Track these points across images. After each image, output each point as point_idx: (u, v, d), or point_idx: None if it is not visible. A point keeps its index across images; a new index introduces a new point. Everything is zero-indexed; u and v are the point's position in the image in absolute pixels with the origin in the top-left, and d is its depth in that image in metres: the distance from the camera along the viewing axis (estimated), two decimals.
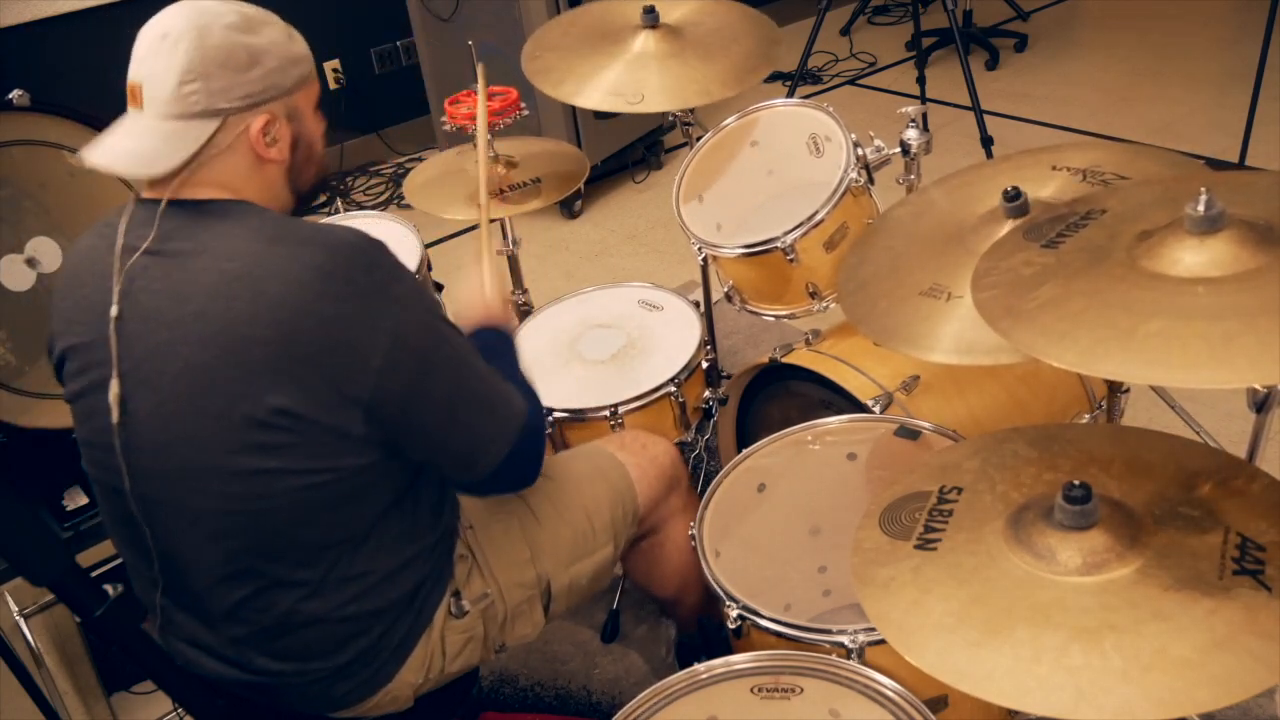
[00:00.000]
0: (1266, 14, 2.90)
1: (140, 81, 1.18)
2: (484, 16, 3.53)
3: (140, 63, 1.18)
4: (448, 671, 1.41)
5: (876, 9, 5.25)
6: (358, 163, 4.26)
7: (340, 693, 1.33)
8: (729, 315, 2.84)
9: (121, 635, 1.24)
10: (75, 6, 3.37)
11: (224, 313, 1.15)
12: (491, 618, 1.44)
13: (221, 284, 1.16)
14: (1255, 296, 1.00)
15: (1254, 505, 1.10)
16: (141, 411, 1.20)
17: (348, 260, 1.18)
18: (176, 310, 1.17)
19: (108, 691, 1.97)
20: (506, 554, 1.46)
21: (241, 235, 1.19)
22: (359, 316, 1.17)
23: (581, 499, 1.54)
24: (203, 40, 1.17)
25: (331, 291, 1.15)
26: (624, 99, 1.97)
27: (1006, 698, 0.97)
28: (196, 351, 1.16)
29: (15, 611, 1.71)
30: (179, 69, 1.16)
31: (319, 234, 1.20)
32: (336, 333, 1.16)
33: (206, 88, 1.17)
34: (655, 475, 1.62)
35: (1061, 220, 1.25)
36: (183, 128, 1.18)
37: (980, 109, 3.47)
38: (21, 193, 2.11)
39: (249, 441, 1.17)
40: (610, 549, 1.56)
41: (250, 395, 1.15)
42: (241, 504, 1.20)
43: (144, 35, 1.19)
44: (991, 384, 1.83)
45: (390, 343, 1.18)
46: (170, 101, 1.17)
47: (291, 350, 1.15)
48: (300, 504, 1.21)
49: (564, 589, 1.51)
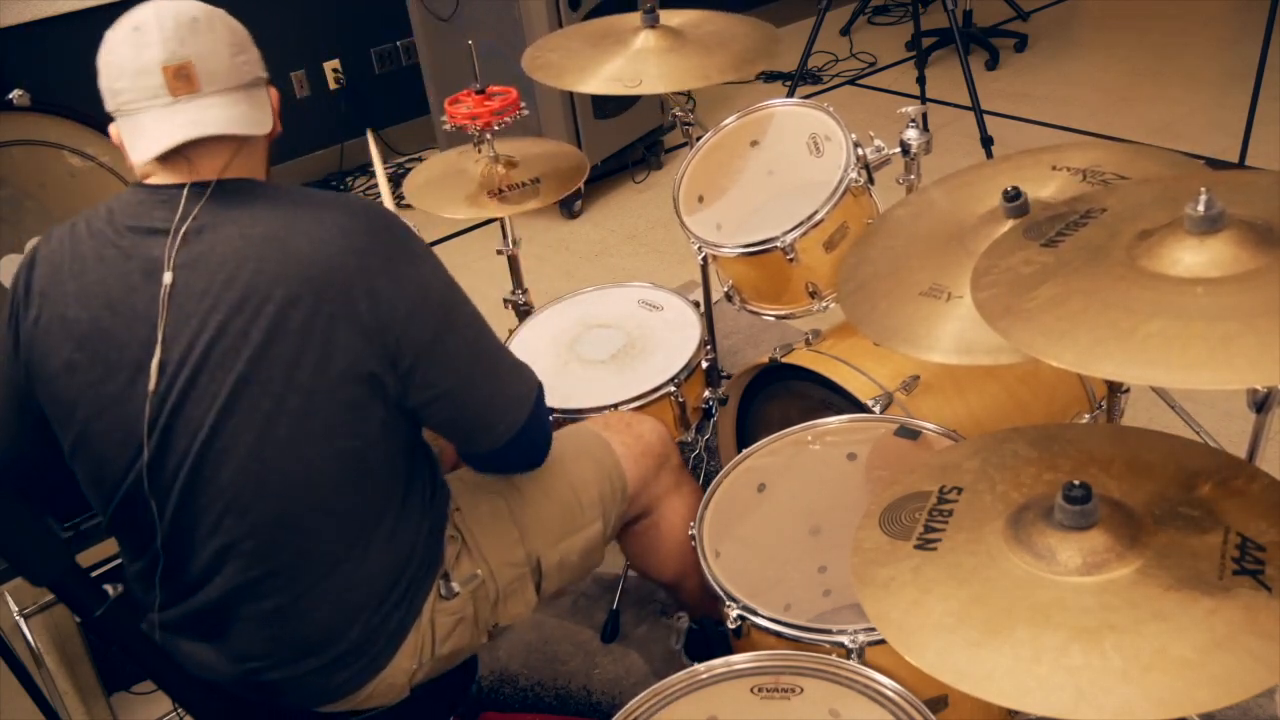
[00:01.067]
0: (1266, 14, 2.90)
1: (189, 59, 1.19)
2: (484, 16, 3.53)
3: (177, 44, 1.19)
4: (439, 654, 1.41)
5: (876, 9, 5.26)
6: (358, 162, 4.26)
7: (337, 682, 1.34)
8: (729, 315, 2.84)
9: (121, 635, 1.25)
10: (75, 6, 3.38)
11: (254, 275, 1.18)
12: (483, 598, 1.45)
13: (249, 248, 1.19)
14: (1255, 297, 0.99)
15: (1254, 505, 1.10)
16: (173, 382, 1.21)
17: (371, 220, 1.25)
18: (205, 280, 1.19)
19: (108, 691, 1.97)
20: (495, 534, 1.47)
21: (263, 204, 1.23)
22: (385, 268, 1.22)
23: (567, 476, 1.55)
24: (225, 19, 1.23)
25: (358, 246, 1.21)
26: (622, 83, 1.99)
27: (1006, 698, 0.97)
28: (229, 317, 1.18)
29: (15, 611, 1.71)
30: (226, 43, 1.22)
31: (340, 199, 1.27)
32: (366, 282, 1.20)
33: (250, 58, 1.25)
34: (641, 451, 1.63)
35: (1061, 219, 1.25)
36: (250, 94, 1.25)
37: (980, 109, 3.47)
38: (21, 193, 2.12)
39: (285, 406, 1.20)
40: (599, 525, 1.57)
41: (286, 356, 1.18)
42: (266, 473, 1.22)
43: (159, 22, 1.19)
44: (991, 384, 1.83)
45: (415, 293, 1.24)
46: (229, 73, 1.22)
47: (325, 306, 1.18)
48: (324, 475, 1.24)
49: (555, 566, 1.52)
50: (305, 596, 1.29)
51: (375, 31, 4.20)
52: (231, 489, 1.23)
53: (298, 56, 4.04)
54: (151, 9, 1.20)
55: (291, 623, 1.30)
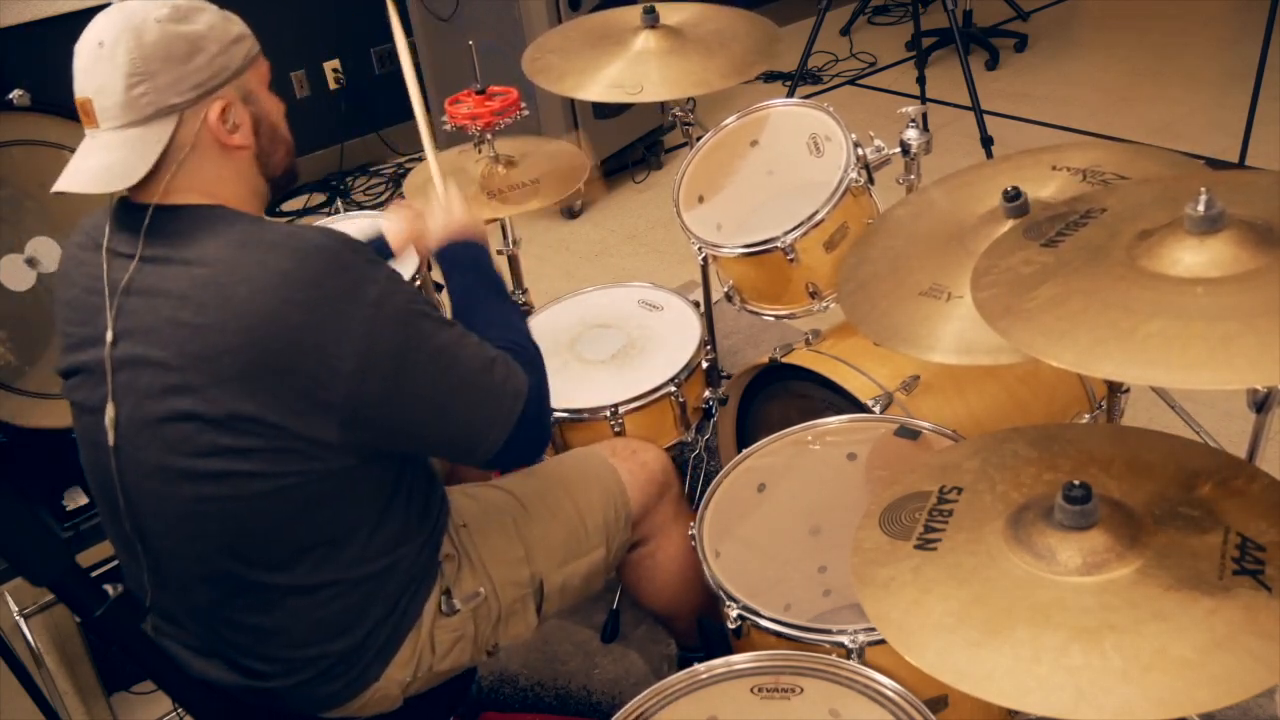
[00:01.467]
0: (1266, 14, 2.90)
1: (89, 96, 1.16)
2: (484, 16, 3.53)
3: (85, 76, 1.17)
4: (436, 670, 1.40)
5: (876, 9, 5.25)
6: (358, 163, 4.26)
7: (325, 694, 1.33)
8: (729, 315, 2.84)
9: (121, 635, 1.24)
10: (75, 6, 3.38)
11: (194, 318, 1.15)
12: (484, 617, 1.44)
13: (193, 290, 1.15)
14: (1255, 297, 0.99)
15: (1254, 505, 1.10)
16: (127, 418, 1.20)
17: (316, 265, 1.15)
18: (153, 316, 1.17)
19: (108, 691, 1.97)
20: (501, 552, 1.46)
21: (213, 241, 1.18)
22: (328, 322, 1.14)
23: (574, 500, 1.54)
24: (139, 39, 1.15)
25: (298, 298, 1.14)
26: (624, 90, 1.98)
27: (1006, 698, 0.97)
28: (171, 357, 1.16)
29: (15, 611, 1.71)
30: (123, 74, 1.14)
31: (289, 238, 1.18)
32: (305, 339, 1.14)
33: (154, 86, 1.16)
34: (646, 479, 1.62)
35: (1061, 219, 1.25)
36: (142, 133, 1.17)
37: (980, 109, 3.47)
38: (21, 193, 2.12)
39: (219, 445, 1.17)
40: (603, 551, 1.56)
41: (220, 401, 1.15)
42: (213, 505, 1.20)
43: (81, 48, 1.17)
44: (991, 384, 1.83)
45: (363, 347, 1.15)
46: (123, 109, 1.16)
47: (261, 358, 1.14)
48: (271, 508, 1.21)
49: (557, 589, 1.51)
50: (277, 616, 1.28)
51: (375, 31, 4.20)
52: (189, 521, 1.23)
53: (298, 56, 4.04)
54: (91, 28, 1.18)
55: (272, 639, 1.29)
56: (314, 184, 4.14)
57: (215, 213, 1.21)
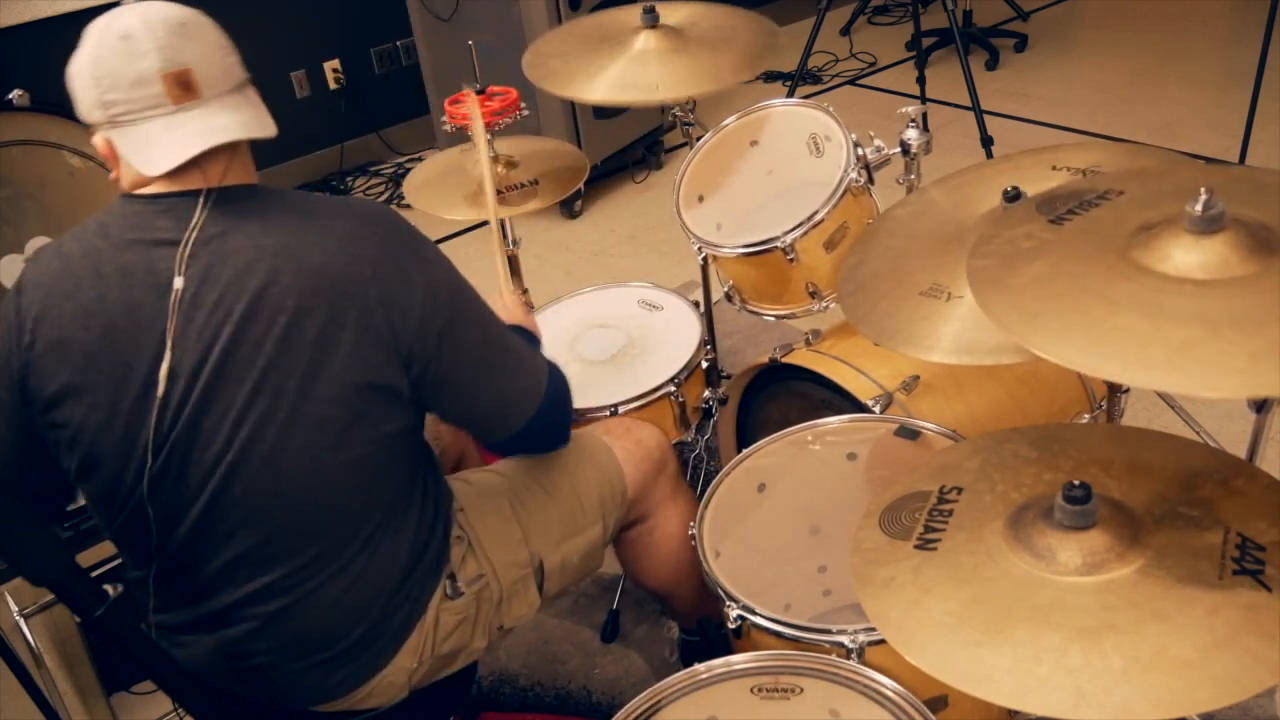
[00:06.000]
0: (1266, 14, 2.90)
1: (188, 66, 1.18)
2: (484, 16, 3.53)
3: (172, 50, 1.17)
4: (439, 653, 1.41)
5: (876, 9, 5.25)
6: (358, 162, 4.26)
7: (335, 680, 1.34)
8: (729, 315, 2.84)
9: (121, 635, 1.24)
10: (75, 6, 3.38)
11: (266, 286, 1.18)
12: (487, 599, 1.45)
13: (260, 259, 1.19)
14: (1232, 305, 0.98)
15: (1254, 505, 1.10)
16: (187, 393, 1.20)
17: (378, 225, 1.25)
18: (217, 291, 1.19)
19: (108, 691, 1.97)
20: (499, 534, 1.48)
21: (272, 213, 1.23)
22: (396, 274, 1.23)
23: (569, 479, 1.56)
24: (209, 20, 1.23)
25: (369, 254, 1.22)
26: (638, 90, 1.98)
27: (1006, 698, 0.97)
28: (241, 328, 1.18)
29: (15, 611, 1.71)
30: (215, 45, 1.22)
31: (346, 205, 1.27)
32: (380, 290, 1.21)
33: (239, 60, 1.25)
34: (641, 457, 1.64)
35: (1076, 197, 1.22)
36: (245, 96, 1.25)
37: (980, 109, 3.47)
38: (22, 193, 2.12)
39: (299, 417, 1.20)
40: (599, 528, 1.57)
41: (300, 367, 1.19)
42: (281, 485, 1.23)
43: (149, 29, 1.17)
44: (991, 384, 1.83)
45: (424, 296, 1.24)
46: (224, 76, 1.22)
47: (339, 316, 1.19)
48: (338, 483, 1.25)
49: (556, 568, 1.53)
50: (311, 596, 1.29)
51: (375, 31, 4.20)
52: (246, 501, 1.23)
53: (298, 56, 4.02)
54: (135, 15, 1.18)
55: (294, 621, 1.30)
56: (313, 185, 4.14)
57: (264, 190, 1.27)
